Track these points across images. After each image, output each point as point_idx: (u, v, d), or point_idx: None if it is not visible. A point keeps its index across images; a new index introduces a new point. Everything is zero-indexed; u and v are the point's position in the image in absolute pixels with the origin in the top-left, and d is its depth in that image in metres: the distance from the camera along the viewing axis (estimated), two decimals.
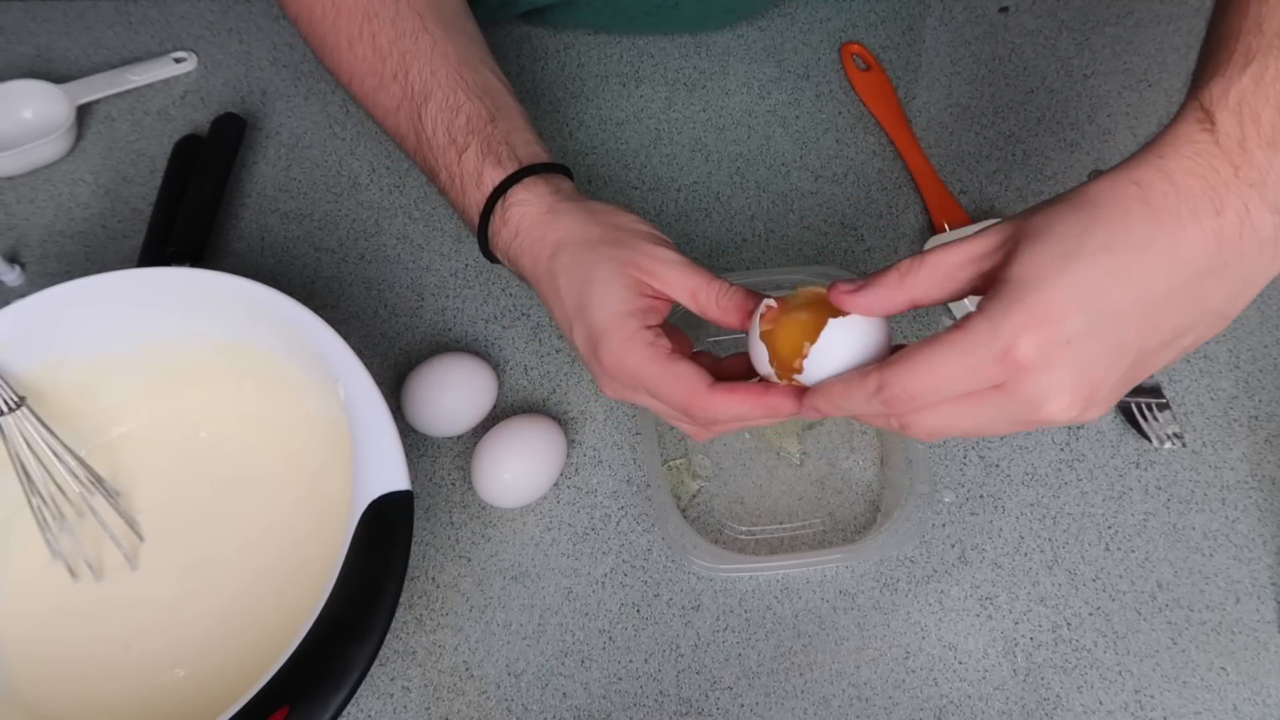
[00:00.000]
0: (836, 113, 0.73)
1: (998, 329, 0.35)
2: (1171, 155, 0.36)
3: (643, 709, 0.54)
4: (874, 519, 0.59)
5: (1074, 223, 0.36)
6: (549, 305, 0.51)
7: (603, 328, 0.47)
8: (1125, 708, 0.54)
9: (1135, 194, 0.36)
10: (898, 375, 0.38)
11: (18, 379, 0.53)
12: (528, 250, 0.51)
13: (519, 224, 0.51)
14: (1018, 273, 0.36)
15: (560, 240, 0.50)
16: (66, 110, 0.70)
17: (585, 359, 0.49)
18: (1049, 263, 0.35)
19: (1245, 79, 0.37)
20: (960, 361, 0.36)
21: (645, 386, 0.47)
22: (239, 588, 0.55)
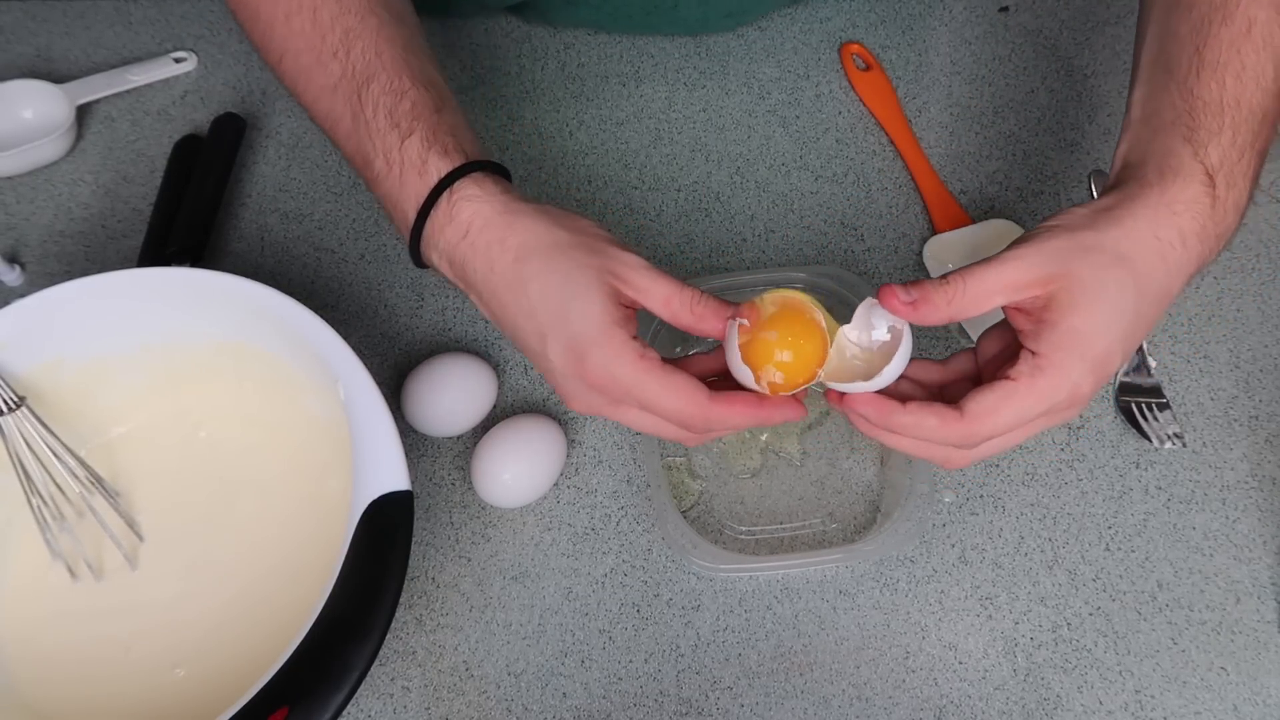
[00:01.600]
0: (836, 113, 0.73)
1: (1070, 378, 0.42)
2: (1184, 214, 0.44)
3: (643, 709, 0.54)
4: (874, 519, 0.59)
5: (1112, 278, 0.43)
6: (509, 317, 0.47)
7: (590, 339, 0.45)
8: (1125, 708, 0.54)
9: (1156, 249, 0.44)
10: (986, 422, 0.43)
11: (18, 379, 0.53)
12: (483, 253, 0.47)
13: (469, 222, 0.47)
14: (1079, 325, 0.42)
15: (525, 244, 0.47)
16: (66, 110, 0.70)
17: (561, 374, 0.47)
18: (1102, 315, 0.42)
19: (1234, 151, 0.45)
20: (1039, 406, 0.43)
21: (640, 399, 0.46)
22: (239, 588, 0.55)
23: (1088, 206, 0.45)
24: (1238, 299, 0.66)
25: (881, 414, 0.45)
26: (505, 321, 0.48)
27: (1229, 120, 0.45)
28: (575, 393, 0.47)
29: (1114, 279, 0.43)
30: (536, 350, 0.47)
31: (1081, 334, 0.42)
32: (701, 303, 0.47)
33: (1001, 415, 0.43)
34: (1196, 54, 0.47)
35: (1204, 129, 0.45)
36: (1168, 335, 0.65)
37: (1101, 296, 0.42)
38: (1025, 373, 0.43)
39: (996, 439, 0.44)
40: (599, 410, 0.47)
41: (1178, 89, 0.47)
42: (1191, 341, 0.64)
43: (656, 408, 0.46)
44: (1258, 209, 0.69)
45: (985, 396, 0.43)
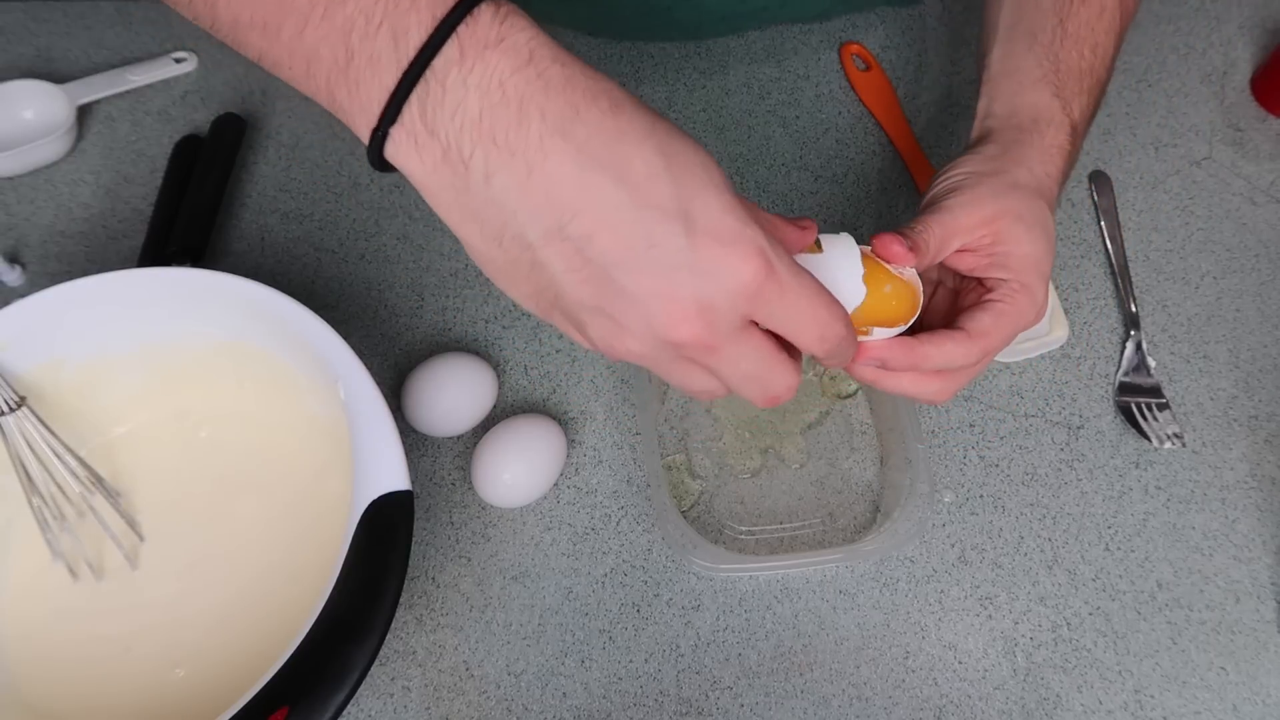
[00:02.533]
0: (836, 113, 0.73)
1: (1036, 294, 0.48)
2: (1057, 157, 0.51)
3: (643, 709, 0.54)
4: (874, 519, 0.59)
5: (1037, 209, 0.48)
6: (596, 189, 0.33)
7: (757, 222, 0.34)
8: (1125, 707, 0.54)
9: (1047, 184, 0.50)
10: (992, 338, 0.47)
11: (18, 379, 0.53)
12: (560, 89, 0.33)
13: (534, 48, 0.33)
14: (1030, 253, 0.48)
15: (618, 99, 0.34)
16: (67, 110, 0.70)
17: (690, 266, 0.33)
18: (1041, 242, 0.48)
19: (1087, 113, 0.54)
20: (1019, 322, 0.48)
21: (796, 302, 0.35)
22: (239, 587, 0.55)
23: (978, 155, 0.50)
24: (1237, 299, 0.66)
25: (907, 353, 0.45)
26: (588, 198, 0.33)
27: (1085, 86, 0.53)
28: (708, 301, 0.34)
29: (1039, 209, 0.48)
30: (657, 236, 0.33)
31: (1035, 257, 0.48)
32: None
33: (996, 332, 0.47)
34: (1060, 25, 0.53)
35: (1068, 89, 0.52)
36: (1168, 335, 0.65)
37: (1037, 225, 0.48)
38: (1008, 295, 0.47)
39: (982, 362, 0.48)
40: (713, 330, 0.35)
41: (1043, 52, 0.53)
42: (1191, 341, 0.64)
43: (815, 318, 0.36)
44: (1257, 209, 0.69)
45: (982, 317, 0.47)
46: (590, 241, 0.33)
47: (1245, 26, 0.77)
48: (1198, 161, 0.71)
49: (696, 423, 0.62)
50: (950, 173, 0.50)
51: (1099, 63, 0.54)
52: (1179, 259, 0.68)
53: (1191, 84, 0.74)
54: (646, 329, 0.35)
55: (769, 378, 0.37)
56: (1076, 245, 0.68)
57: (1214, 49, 0.76)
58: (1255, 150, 0.72)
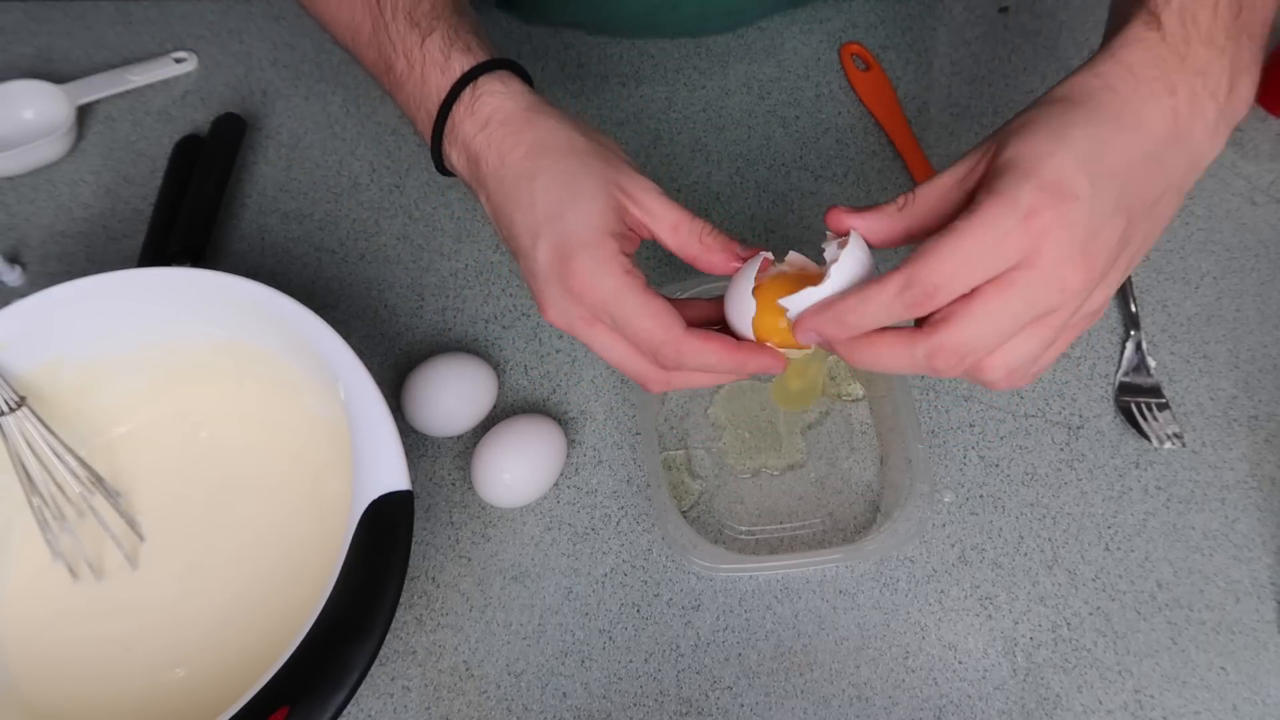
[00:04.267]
0: (836, 113, 0.73)
1: (1015, 198, 0.37)
2: (1124, 51, 0.41)
3: (643, 709, 0.54)
4: (874, 519, 0.59)
5: (1051, 113, 0.39)
6: (508, 211, 0.46)
7: (581, 241, 0.44)
8: (1125, 707, 0.54)
9: (1100, 83, 0.40)
10: (923, 265, 0.37)
11: (18, 379, 0.53)
12: (496, 145, 0.46)
13: (490, 116, 0.47)
14: (1015, 154, 0.38)
15: (540, 141, 0.46)
16: (67, 110, 0.70)
17: (543, 276, 0.45)
18: (1043, 141, 0.38)
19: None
20: (985, 236, 0.37)
21: (614, 316, 0.44)
22: (239, 587, 0.55)
23: None
24: (1237, 299, 0.66)
25: (827, 312, 0.40)
26: (503, 218, 0.47)
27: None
28: (552, 299, 0.45)
29: (1049, 111, 0.40)
30: (525, 248, 0.45)
31: (1017, 157, 0.38)
32: (711, 234, 0.45)
33: (940, 254, 0.37)
34: None
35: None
36: (1167, 335, 0.65)
37: (1035, 125, 0.39)
38: (964, 212, 0.38)
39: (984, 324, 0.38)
40: (571, 324, 0.45)
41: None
42: (1191, 341, 0.64)
43: (630, 326, 0.44)
44: (1257, 209, 0.69)
45: (926, 243, 0.38)
46: (508, 244, 0.48)
47: None
48: None
49: (696, 423, 0.62)
50: None
51: None
52: (1179, 259, 0.68)
53: None
54: (539, 310, 0.47)
55: (620, 362, 0.46)
56: None
57: None
58: (1255, 150, 0.72)
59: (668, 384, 0.46)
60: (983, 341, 0.39)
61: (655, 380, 0.46)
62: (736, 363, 0.44)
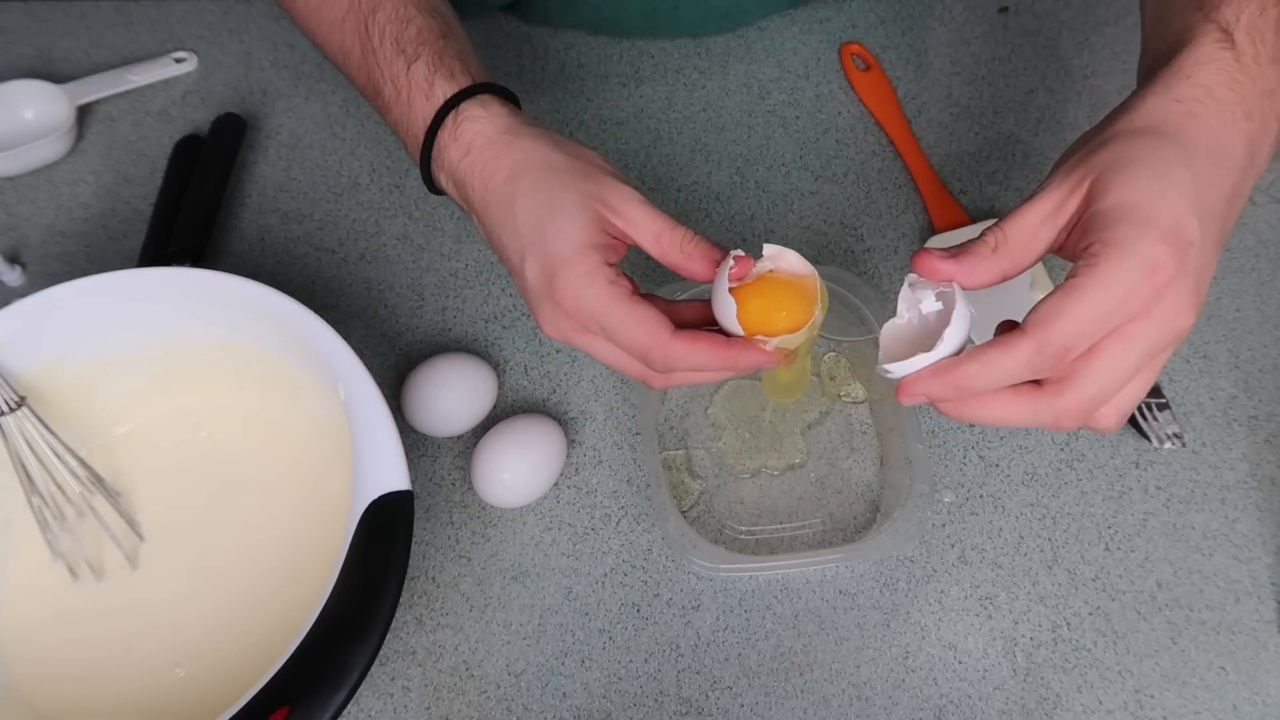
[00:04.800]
0: (836, 113, 0.73)
1: (1138, 251, 0.36)
2: (1201, 74, 0.40)
3: (643, 709, 0.54)
4: (874, 519, 0.59)
5: (1146, 147, 0.38)
6: (497, 234, 0.48)
7: (563, 258, 0.45)
8: (1125, 707, 0.54)
9: (1183, 110, 0.39)
10: (1054, 327, 0.37)
11: (18, 379, 0.53)
12: (479, 171, 0.48)
13: (471, 141, 0.48)
14: (1125, 199, 0.37)
15: (519, 163, 0.47)
16: (67, 110, 0.70)
17: (534, 293, 0.47)
18: (1150, 184, 0.37)
19: (1253, 6, 0.41)
20: (1112, 294, 0.36)
21: (603, 326, 0.45)
22: (239, 587, 0.55)
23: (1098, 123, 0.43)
24: (1237, 299, 0.66)
25: (945, 379, 0.39)
26: (494, 240, 0.49)
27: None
28: (545, 315, 0.47)
29: (1143, 146, 0.39)
30: (516, 268, 0.47)
31: (1130, 204, 0.37)
32: (692, 242, 0.46)
33: (1066, 315, 0.36)
34: None
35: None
36: None
37: (1136, 164, 0.38)
38: (1084, 265, 0.37)
39: (1108, 378, 0.38)
40: (567, 336, 0.47)
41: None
42: (1191, 341, 0.64)
43: (619, 335, 0.45)
44: (1257, 209, 0.69)
45: (1046, 302, 0.37)
46: (504, 265, 0.49)
47: None
48: None
49: (696, 423, 0.62)
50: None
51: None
52: None
53: None
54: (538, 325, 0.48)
55: (620, 367, 0.47)
56: None
57: None
58: None
59: (666, 383, 0.48)
60: (1105, 395, 0.38)
61: (655, 380, 0.47)
62: (726, 360, 0.45)
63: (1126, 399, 0.39)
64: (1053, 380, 0.39)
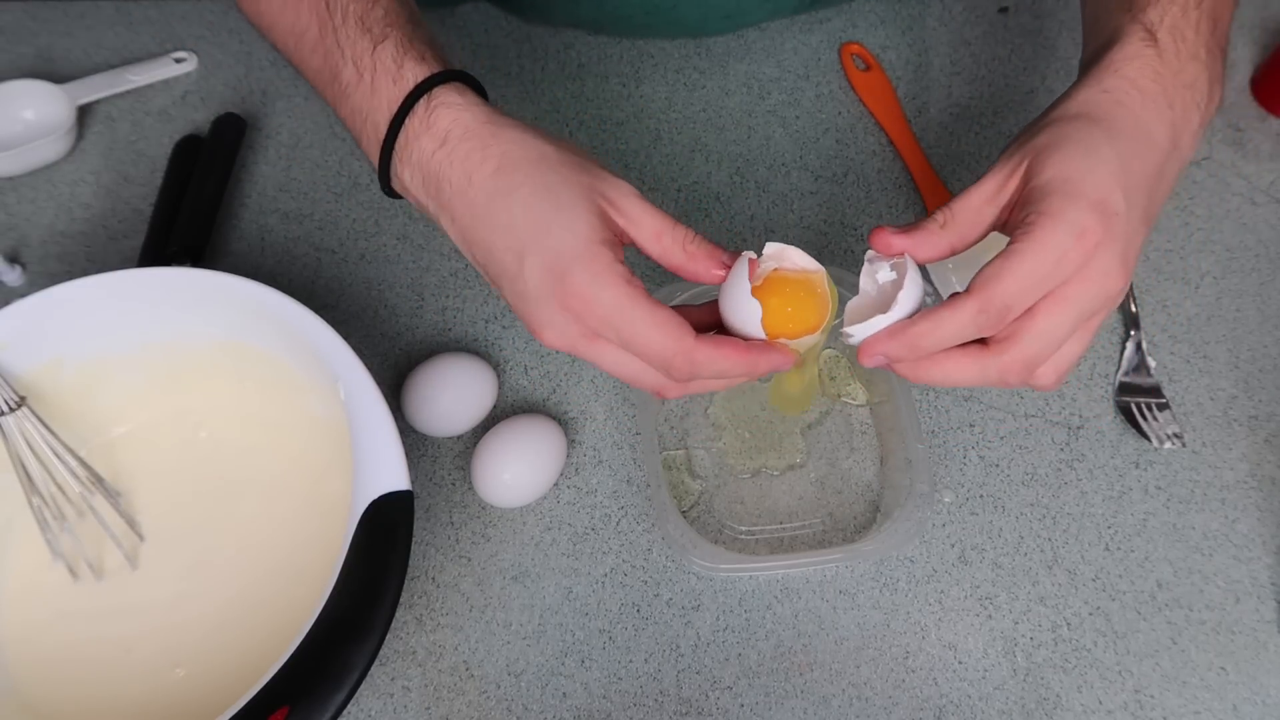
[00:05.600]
0: (836, 113, 0.73)
1: (1069, 218, 0.40)
2: (1127, 67, 0.44)
3: (643, 709, 0.54)
4: (874, 519, 0.59)
5: (1076, 130, 0.42)
6: (482, 234, 0.43)
7: (574, 254, 0.41)
8: (1125, 707, 0.54)
9: (1110, 99, 0.43)
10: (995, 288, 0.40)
11: (18, 379, 0.53)
12: (460, 163, 0.43)
13: (448, 130, 0.43)
14: (1056, 174, 0.41)
15: (509, 155, 0.43)
16: (67, 110, 0.70)
17: (535, 298, 0.42)
18: (1080, 160, 0.41)
19: (1175, 8, 0.46)
20: (1047, 256, 0.40)
21: (618, 331, 0.42)
22: (239, 588, 0.55)
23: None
24: (1237, 299, 0.66)
25: (900, 338, 0.41)
26: (478, 242, 0.44)
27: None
28: (549, 320, 0.43)
29: (1074, 129, 0.43)
30: (511, 271, 0.43)
31: (1060, 178, 0.41)
32: (694, 242, 0.44)
33: (1008, 277, 0.40)
34: None
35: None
36: (1167, 335, 0.65)
37: (1068, 143, 0.42)
38: (1021, 233, 0.41)
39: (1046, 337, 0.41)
40: (572, 343, 0.43)
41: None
42: (1191, 341, 0.64)
43: (637, 341, 0.42)
44: (1257, 209, 0.69)
45: (988, 267, 0.41)
46: (485, 269, 0.45)
47: (1245, 26, 0.77)
48: (1198, 161, 0.71)
49: (696, 423, 0.62)
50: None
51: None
52: (1179, 259, 0.68)
53: None
54: (533, 334, 0.44)
55: (631, 376, 0.44)
56: None
57: None
58: (1255, 150, 0.72)
59: (683, 391, 0.45)
60: (1046, 353, 0.42)
61: (671, 390, 0.44)
62: (750, 364, 0.43)
63: (1065, 358, 0.43)
64: (996, 339, 0.42)
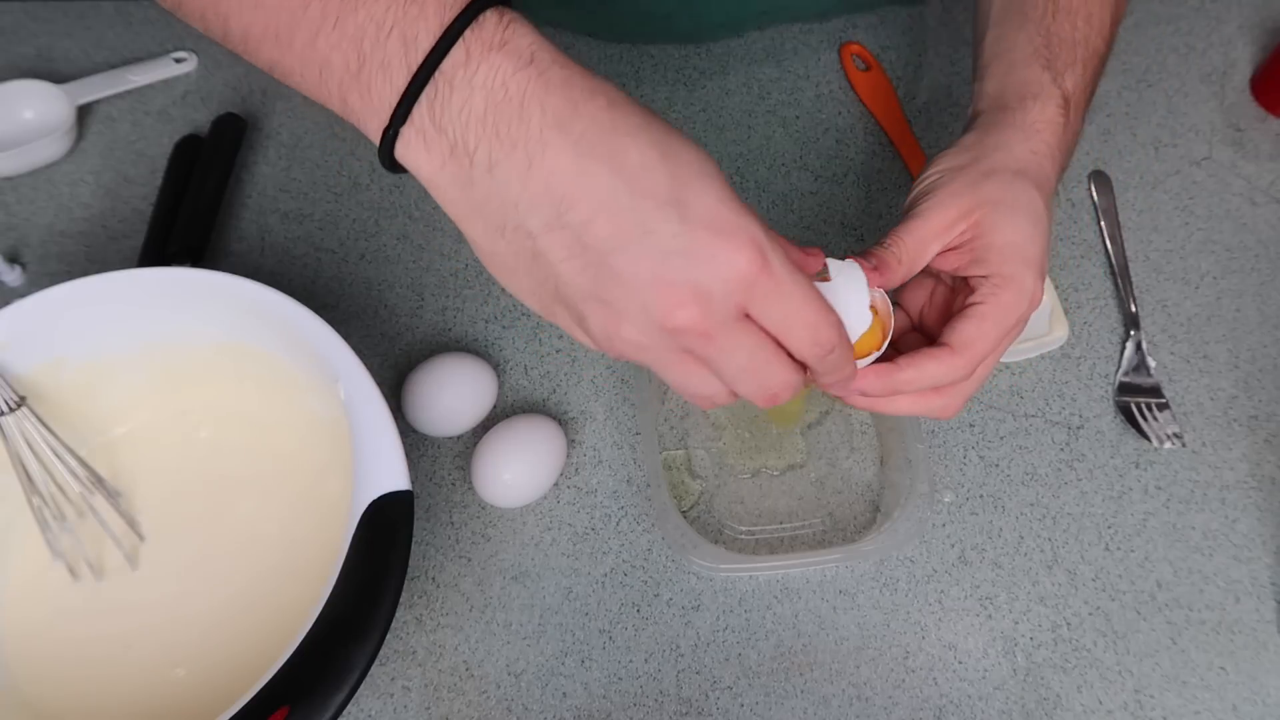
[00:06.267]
0: (836, 113, 0.73)
1: (1025, 285, 0.45)
2: (1044, 131, 0.49)
3: (643, 709, 0.54)
4: (874, 519, 0.59)
5: (1022, 191, 0.46)
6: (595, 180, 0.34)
7: (765, 230, 0.35)
8: (1125, 707, 0.54)
9: (1035, 160, 0.48)
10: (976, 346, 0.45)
11: (18, 379, 0.53)
12: (559, 87, 0.35)
13: (534, 50, 0.35)
14: (1011, 240, 0.46)
15: (617, 96, 0.36)
16: (67, 110, 0.70)
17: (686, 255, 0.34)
18: (1028, 227, 0.46)
19: (1081, 84, 0.51)
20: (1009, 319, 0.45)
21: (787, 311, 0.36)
22: (239, 587, 0.55)
23: (955, 147, 0.49)
24: (1237, 299, 0.66)
25: (885, 380, 0.44)
26: (586, 188, 0.34)
27: (1079, 56, 0.51)
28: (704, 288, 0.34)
29: (1020, 190, 0.46)
30: (652, 222, 0.34)
31: (1017, 245, 0.45)
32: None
33: (984, 338, 0.45)
34: (1052, 1, 0.52)
35: (1061, 60, 0.50)
36: (1167, 335, 0.65)
37: (1017, 209, 0.46)
38: (989, 294, 0.45)
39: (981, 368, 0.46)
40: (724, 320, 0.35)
41: (1034, 28, 0.51)
42: (1191, 341, 0.64)
43: (802, 323, 0.36)
44: (1257, 209, 0.69)
45: (964, 327, 0.45)
46: (587, 229, 0.34)
47: (1245, 26, 0.77)
48: (1198, 161, 0.71)
49: (696, 422, 0.62)
50: (927, 173, 0.48)
51: (1094, 33, 0.52)
52: (1179, 259, 0.68)
53: (1191, 84, 0.74)
54: (643, 315, 0.35)
55: (766, 372, 0.37)
56: (1076, 245, 0.68)
57: (1214, 49, 0.76)
58: (1255, 150, 0.72)
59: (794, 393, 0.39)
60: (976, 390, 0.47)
61: (789, 389, 0.39)
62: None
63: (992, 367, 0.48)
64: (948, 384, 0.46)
